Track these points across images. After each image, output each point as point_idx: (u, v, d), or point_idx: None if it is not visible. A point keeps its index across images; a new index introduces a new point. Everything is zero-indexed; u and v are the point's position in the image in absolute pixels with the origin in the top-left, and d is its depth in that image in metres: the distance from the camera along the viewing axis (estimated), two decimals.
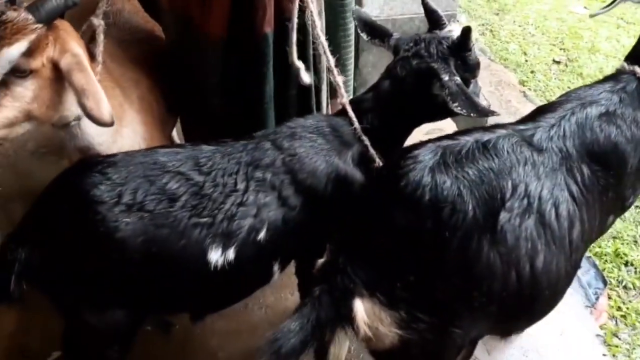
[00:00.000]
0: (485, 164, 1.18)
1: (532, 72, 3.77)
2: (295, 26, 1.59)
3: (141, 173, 1.27)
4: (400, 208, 1.14)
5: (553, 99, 3.47)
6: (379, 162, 1.49)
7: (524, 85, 3.63)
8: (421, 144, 1.25)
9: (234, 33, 1.65)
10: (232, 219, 1.31)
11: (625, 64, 1.54)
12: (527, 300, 1.22)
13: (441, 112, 1.52)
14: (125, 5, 1.89)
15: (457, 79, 1.47)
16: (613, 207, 1.43)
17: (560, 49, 4.02)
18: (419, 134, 1.65)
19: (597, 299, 2.22)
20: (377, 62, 2.60)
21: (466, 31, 1.47)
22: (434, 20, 1.59)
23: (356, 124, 1.50)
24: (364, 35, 1.64)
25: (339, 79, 1.55)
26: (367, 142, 1.49)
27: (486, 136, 1.25)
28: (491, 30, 4.22)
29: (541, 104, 2.41)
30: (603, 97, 1.41)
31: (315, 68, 1.77)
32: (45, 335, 1.83)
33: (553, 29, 4.24)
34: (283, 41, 1.65)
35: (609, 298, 2.25)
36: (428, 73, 1.49)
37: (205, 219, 1.29)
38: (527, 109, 2.31)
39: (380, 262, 1.14)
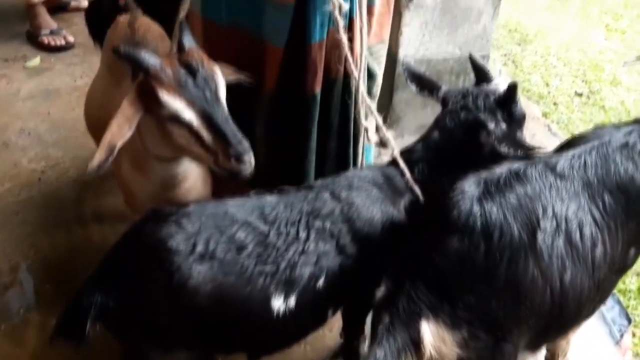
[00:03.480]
0: (521, 189, 1.33)
1: (554, 104, 3.80)
2: (358, 83, 1.66)
3: (212, 224, 1.34)
4: (455, 235, 1.27)
5: (576, 132, 3.44)
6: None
7: (547, 118, 3.66)
8: (462, 178, 1.38)
9: (283, 89, 1.75)
10: (294, 267, 1.37)
11: None
12: (557, 313, 1.34)
13: (488, 160, 1.60)
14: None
15: (503, 125, 1.57)
16: (634, 239, 1.52)
17: (582, 81, 4.06)
18: None
19: (621, 336, 2.24)
20: (410, 100, 2.68)
21: (513, 87, 1.56)
22: (481, 75, 1.69)
23: (407, 175, 1.57)
24: (412, 87, 1.72)
25: (389, 135, 1.63)
26: (418, 191, 1.56)
27: (515, 165, 1.41)
28: (514, 61, 4.27)
29: (565, 138, 2.47)
30: (623, 133, 1.52)
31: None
32: None
33: (574, 61, 4.28)
34: (329, 99, 1.77)
35: (633, 335, 2.28)
36: (475, 124, 1.58)
37: (269, 267, 1.35)
38: (553, 143, 2.36)
39: (441, 286, 1.26)
